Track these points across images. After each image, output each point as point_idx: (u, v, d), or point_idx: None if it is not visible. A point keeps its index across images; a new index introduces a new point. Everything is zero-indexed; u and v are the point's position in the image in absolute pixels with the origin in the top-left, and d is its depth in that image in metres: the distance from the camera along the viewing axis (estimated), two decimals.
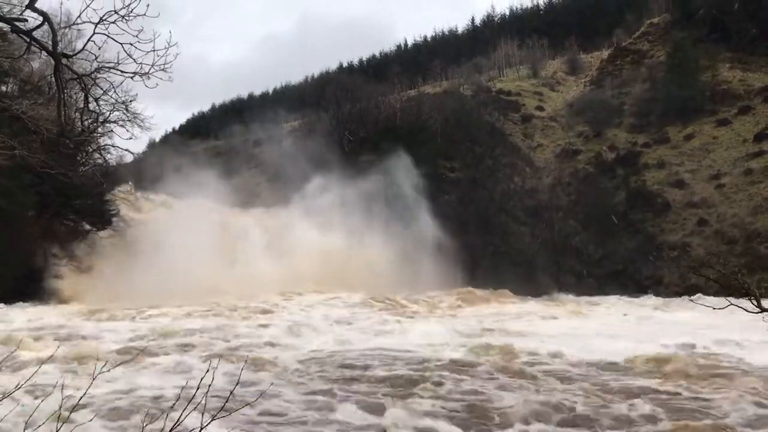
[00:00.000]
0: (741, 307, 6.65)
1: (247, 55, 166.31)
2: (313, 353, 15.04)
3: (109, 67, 5.79)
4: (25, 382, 4.28)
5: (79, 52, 5.96)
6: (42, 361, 10.14)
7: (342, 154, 38.23)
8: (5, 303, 21.88)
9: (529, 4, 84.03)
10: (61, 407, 3.88)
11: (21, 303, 23.01)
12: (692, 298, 17.71)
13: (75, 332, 16.90)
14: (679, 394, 11.37)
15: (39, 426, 4.89)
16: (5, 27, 6.09)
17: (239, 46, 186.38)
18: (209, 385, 3.29)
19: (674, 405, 10.69)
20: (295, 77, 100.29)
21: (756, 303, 6.57)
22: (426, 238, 31.87)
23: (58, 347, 12.45)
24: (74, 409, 4.37)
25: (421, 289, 28.23)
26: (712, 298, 17.40)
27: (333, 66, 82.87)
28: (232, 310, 21.91)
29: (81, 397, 3.89)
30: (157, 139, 77.79)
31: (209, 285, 25.11)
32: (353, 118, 44.66)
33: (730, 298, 6.89)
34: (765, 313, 6.61)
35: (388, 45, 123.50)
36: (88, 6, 5.16)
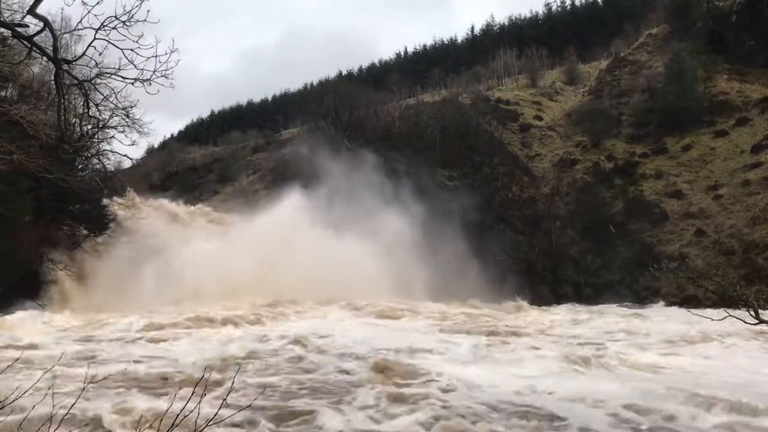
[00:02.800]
0: (739, 319, 6.65)
1: (232, 67, 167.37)
2: None
3: (110, 73, 5.80)
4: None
5: (79, 57, 5.97)
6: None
7: (341, 162, 38.22)
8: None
9: (528, 14, 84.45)
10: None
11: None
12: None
13: None
14: None
15: None
16: (6, 32, 6.09)
17: (224, 59, 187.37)
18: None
19: None
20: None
21: (754, 314, 6.57)
22: (421, 246, 31.81)
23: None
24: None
25: (420, 298, 28.10)
26: (710, 309, 17.18)
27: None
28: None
29: (72, 405, 3.86)
30: (156, 145, 78.03)
31: (209, 290, 25.04)
32: (352, 126, 44.74)
33: (728, 310, 6.90)
34: (763, 324, 6.61)
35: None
36: (89, 12, 5.17)
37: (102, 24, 5.30)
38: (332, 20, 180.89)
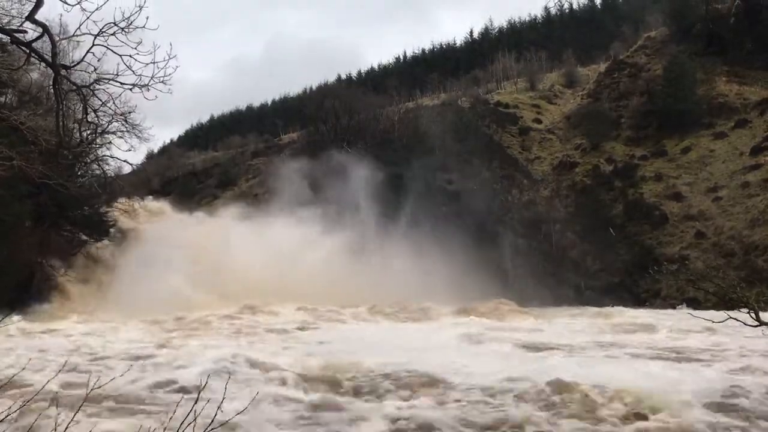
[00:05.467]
0: (740, 321, 6.63)
1: (217, 77, 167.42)
2: None
3: (108, 79, 5.80)
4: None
5: (78, 63, 5.97)
6: None
7: (340, 166, 38.24)
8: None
9: (527, 18, 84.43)
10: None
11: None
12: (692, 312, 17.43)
13: None
14: None
15: None
16: (5, 38, 6.10)
17: (209, 69, 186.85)
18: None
19: None
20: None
21: (755, 316, 6.56)
22: (424, 250, 31.78)
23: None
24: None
25: (419, 301, 28.04)
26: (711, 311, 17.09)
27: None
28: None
29: (75, 413, 3.85)
30: (155, 151, 78.03)
31: (209, 295, 25.01)
32: (351, 130, 44.78)
33: (728, 312, 6.88)
34: (764, 326, 6.59)
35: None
36: (87, 18, 5.18)
37: (101, 30, 5.30)
38: (315, 32, 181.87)
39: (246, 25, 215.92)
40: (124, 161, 75.46)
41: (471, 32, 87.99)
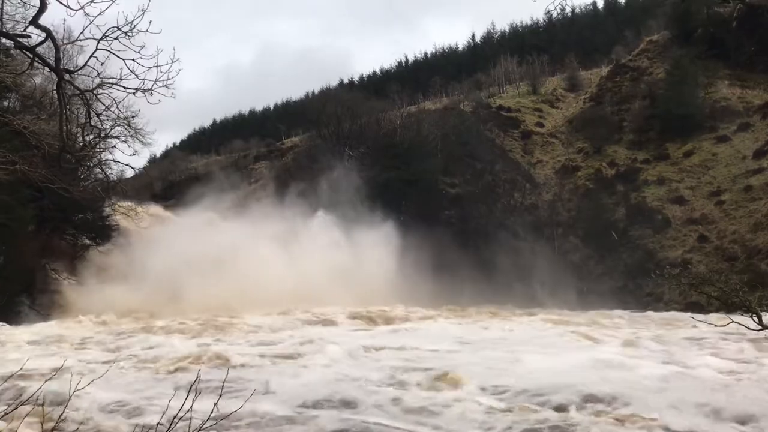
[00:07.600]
0: (743, 325, 6.63)
1: (208, 85, 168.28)
2: None
3: (112, 83, 5.82)
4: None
5: (81, 68, 5.99)
6: None
7: (342, 170, 38.28)
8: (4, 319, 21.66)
9: (529, 22, 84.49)
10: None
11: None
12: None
13: None
14: None
15: None
16: (9, 43, 6.13)
17: (200, 78, 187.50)
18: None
19: None
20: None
21: (757, 320, 6.55)
22: (424, 253, 31.77)
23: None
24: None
25: (419, 304, 28.05)
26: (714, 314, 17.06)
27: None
28: None
29: (60, 415, 3.85)
30: (158, 155, 78.25)
31: (212, 300, 24.98)
32: (354, 134, 44.80)
33: (731, 315, 6.89)
34: (766, 330, 6.58)
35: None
36: (91, 23, 5.20)
37: (104, 34, 5.32)
38: (305, 40, 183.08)
39: (237, 33, 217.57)
40: (127, 165, 75.73)
41: (473, 36, 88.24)
